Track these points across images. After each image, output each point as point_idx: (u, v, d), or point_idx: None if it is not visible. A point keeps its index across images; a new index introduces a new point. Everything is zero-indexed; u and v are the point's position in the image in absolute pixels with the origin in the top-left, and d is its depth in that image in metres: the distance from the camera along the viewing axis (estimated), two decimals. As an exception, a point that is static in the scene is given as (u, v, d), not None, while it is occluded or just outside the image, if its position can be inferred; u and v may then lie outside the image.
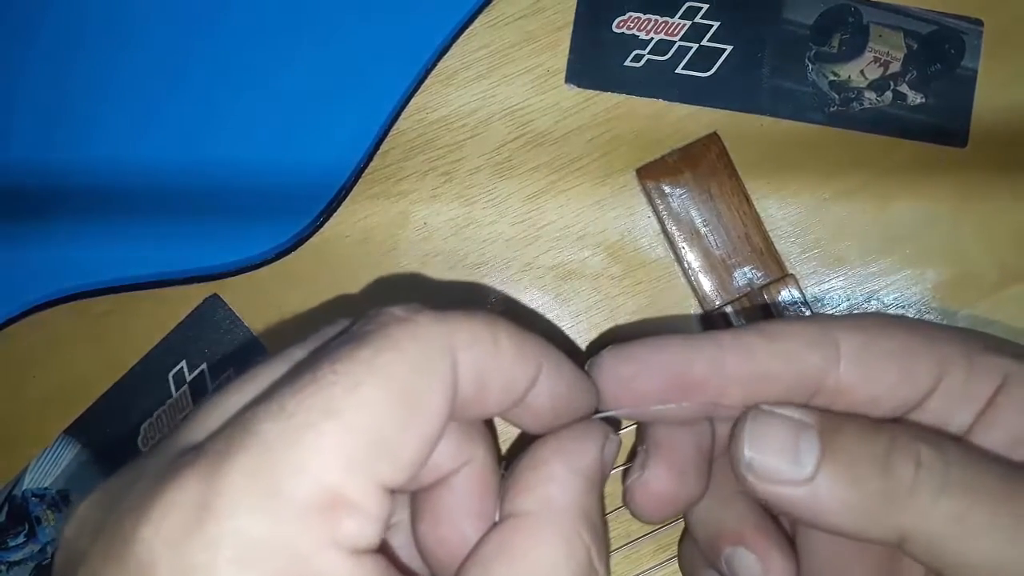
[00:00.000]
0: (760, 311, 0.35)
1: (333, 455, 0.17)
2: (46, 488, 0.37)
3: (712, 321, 0.36)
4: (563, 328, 0.37)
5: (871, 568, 0.27)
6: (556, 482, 0.21)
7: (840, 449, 0.22)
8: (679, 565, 0.31)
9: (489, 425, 0.24)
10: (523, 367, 0.21)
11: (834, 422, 0.23)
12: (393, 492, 0.18)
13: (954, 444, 0.23)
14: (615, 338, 0.25)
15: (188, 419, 0.20)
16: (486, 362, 0.20)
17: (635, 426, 0.33)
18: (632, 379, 0.24)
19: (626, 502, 0.25)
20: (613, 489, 0.36)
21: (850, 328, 0.24)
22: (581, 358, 0.25)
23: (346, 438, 0.17)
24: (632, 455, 0.26)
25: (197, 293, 0.36)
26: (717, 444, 0.26)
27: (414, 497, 0.23)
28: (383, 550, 0.23)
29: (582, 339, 0.37)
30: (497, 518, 0.22)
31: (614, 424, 0.25)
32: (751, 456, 0.23)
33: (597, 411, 0.24)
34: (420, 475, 0.22)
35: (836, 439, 0.23)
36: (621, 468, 0.33)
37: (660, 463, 0.24)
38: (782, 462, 0.22)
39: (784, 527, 0.28)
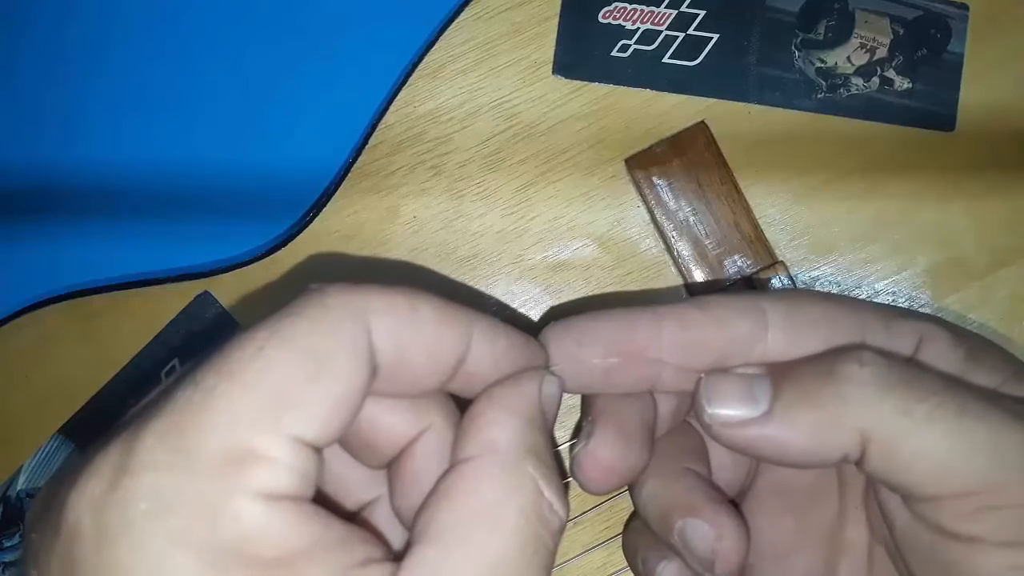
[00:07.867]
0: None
1: (236, 412, 0.18)
2: (40, 489, 0.37)
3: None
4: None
5: (815, 539, 0.27)
6: (495, 425, 0.22)
7: (790, 379, 0.24)
8: (624, 554, 0.32)
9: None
10: (448, 333, 0.22)
11: (781, 366, 0.25)
12: (315, 447, 0.19)
13: (893, 356, 0.24)
14: (560, 315, 0.26)
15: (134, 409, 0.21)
16: (404, 329, 0.21)
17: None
18: (576, 348, 0.25)
19: (573, 472, 0.26)
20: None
21: (775, 299, 0.25)
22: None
23: (248, 396, 0.19)
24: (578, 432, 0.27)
25: (188, 290, 0.36)
26: (660, 422, 0.27)
27: (388, 473, 0.23)
28: (342, 509, 0.24)
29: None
30: None
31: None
32: (712, 411, 0.24)
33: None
34: (379, 446, 0.23)
35: (785, 375, 0.24)
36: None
37: (606, 432, 0.25)
38: (740, 408, 0.24)
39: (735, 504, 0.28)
